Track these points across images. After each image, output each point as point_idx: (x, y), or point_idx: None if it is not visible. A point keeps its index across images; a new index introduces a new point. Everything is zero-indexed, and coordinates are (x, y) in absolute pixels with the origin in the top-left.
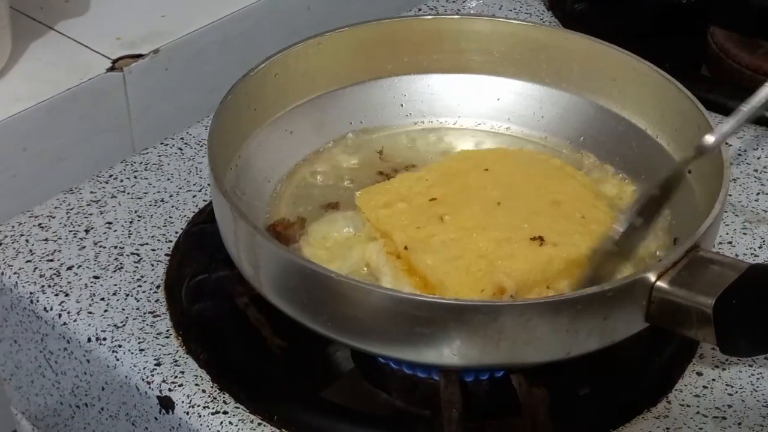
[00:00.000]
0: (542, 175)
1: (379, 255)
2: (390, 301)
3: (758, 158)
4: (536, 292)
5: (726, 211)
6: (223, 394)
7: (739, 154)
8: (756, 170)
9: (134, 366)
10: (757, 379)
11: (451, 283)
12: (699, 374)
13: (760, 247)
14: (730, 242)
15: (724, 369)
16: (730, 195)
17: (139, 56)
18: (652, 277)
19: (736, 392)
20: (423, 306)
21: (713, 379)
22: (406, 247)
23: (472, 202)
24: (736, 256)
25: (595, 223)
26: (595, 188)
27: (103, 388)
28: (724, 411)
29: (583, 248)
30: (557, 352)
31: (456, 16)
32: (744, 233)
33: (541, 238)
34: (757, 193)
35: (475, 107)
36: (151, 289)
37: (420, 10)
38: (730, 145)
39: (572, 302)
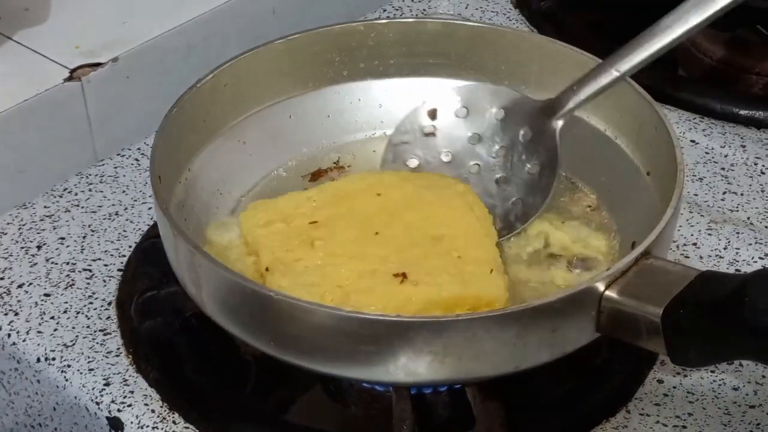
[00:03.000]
0: (436, 205)
1: (251, 272)
2: (331, 319)
3: (725, 156)
4: None
5: (691, 212)
6: (173, 413)
7: (707, 153)
8: (723, 169)
9: (83, 386)
10: (719, 385)
11: None
12: (660, 382)
13: (725, 248)
14: (695, 243)
15: (685, 376)
16: (696, 195)
17: (98, 65)
18: (601, 287)
19: (697, 399)
20: (365, 324)
21: (674, 387)
22: (267, 269)
23: (350, 228)
24: (701, 258)
25: (471, 264)
26: (489, 224)
27: (54, 409)
28: (685, 420)
29: (445, 290)
30: (506, 366)
31: (411, 19)
32: (709, 234)
33: (404, 275)
34: (724, 193)
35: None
36: (102, 306)
37: (385, 10)
38: (697, 143)
39: (518, 315)
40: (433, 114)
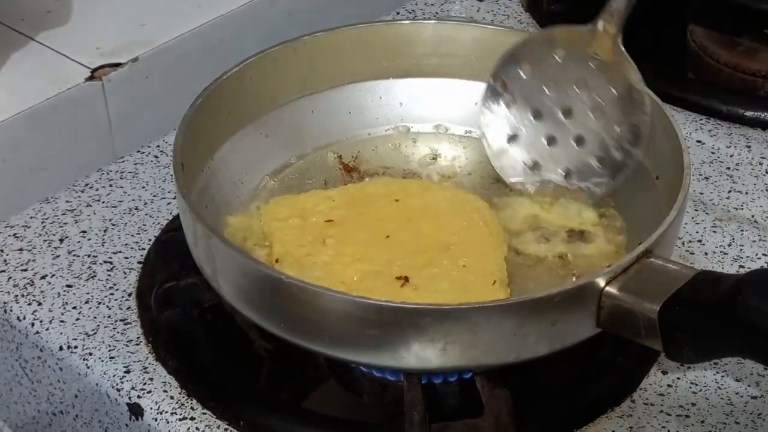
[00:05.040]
0: (450, 215)
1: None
2: (337, 303)
3: (731, 156)
4: None
5: (697, 210)
6: (191, 400)
7: (712, 153)
8: (728, 168)
9: (104, 373)
10: (722, 377)
11: None
12: (664, 373)
13: (729, 245)
14: (700, 240)
15: (689, 368)
16: (702, 193)
17: (118, 65)
18: (602, 282)
19: (701, 390)
20: (370, 308)
21: (678, 378)
22: (277, 260)
23: (363, 230)
24: (705, 254)
25: (475, 274)
26: (500, 240)
27: (76, 396)
28: (688, 409)
29: (444, 297)
30: (506, 356)
31: (433, 21)
32: (714, 231)
33: (406, 279)
34: (729, 191)
35: (452, 111)
36: (123, 297)
37: (398, 13)
38: (703, 143)
39: (518, 306)
40: (504, 86)
